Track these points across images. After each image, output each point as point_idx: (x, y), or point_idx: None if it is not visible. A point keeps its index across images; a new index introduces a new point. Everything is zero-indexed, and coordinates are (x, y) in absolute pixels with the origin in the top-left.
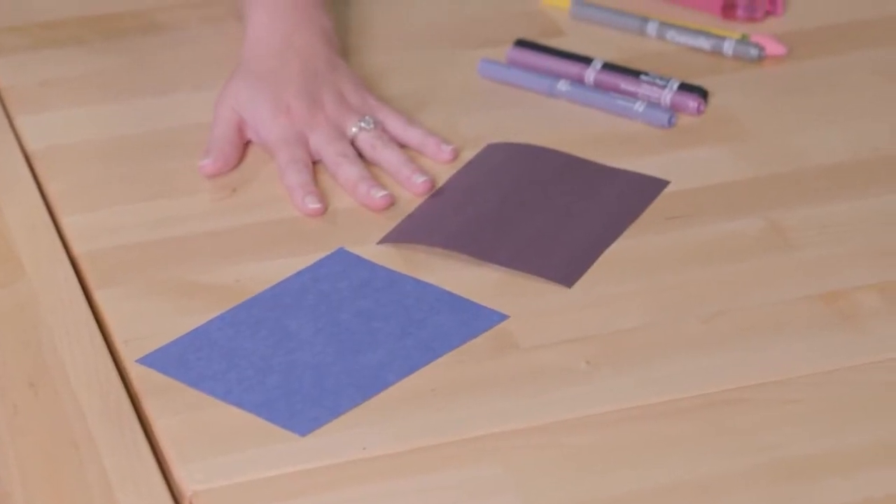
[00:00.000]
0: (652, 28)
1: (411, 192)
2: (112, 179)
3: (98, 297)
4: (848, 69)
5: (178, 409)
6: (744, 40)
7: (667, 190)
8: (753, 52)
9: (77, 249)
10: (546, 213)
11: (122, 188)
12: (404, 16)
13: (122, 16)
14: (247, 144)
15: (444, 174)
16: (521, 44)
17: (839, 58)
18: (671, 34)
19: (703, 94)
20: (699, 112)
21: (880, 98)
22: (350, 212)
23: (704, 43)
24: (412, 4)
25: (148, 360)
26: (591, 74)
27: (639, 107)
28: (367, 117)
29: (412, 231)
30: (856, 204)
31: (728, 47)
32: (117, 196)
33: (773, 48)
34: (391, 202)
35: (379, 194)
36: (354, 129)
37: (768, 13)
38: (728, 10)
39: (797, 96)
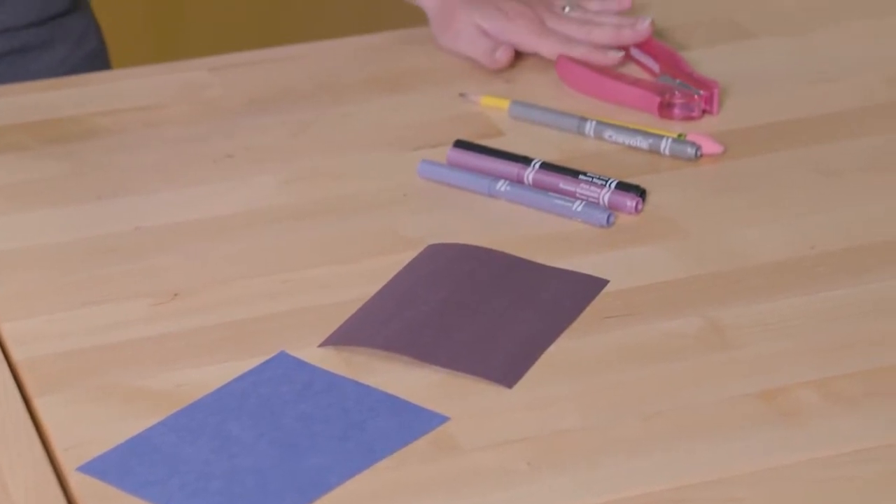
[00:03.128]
0: (590, 128)
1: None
2: (52, 285)
3: (38, 404)
4: (783, 167)
5: None
6: (680, 139)
7: (606, 289)
8: (690, 150)
9: (16, 356)
10: (486, 314)
11: (62, 294)
12: (343, 118)
13: (63, 121)
14: None
15: (385, 276)
16: (461, 144)
17: (774, 156)
18: (609, 133)
19: (641, 192)
20: (637, 211)
21: (815, 195)
22: (292, 314)
23: (642, 142)
24: (351, 106)
25: (89, 468)
26: (530, 174)
27: (577, 206)
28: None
29: (353, 333)
30: (793, 301)
31: (665, 146)
32: (57, 302)
33: (709, 147)
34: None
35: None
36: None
37: (705, 112)
38: (665, 110)
39: (734, 194)
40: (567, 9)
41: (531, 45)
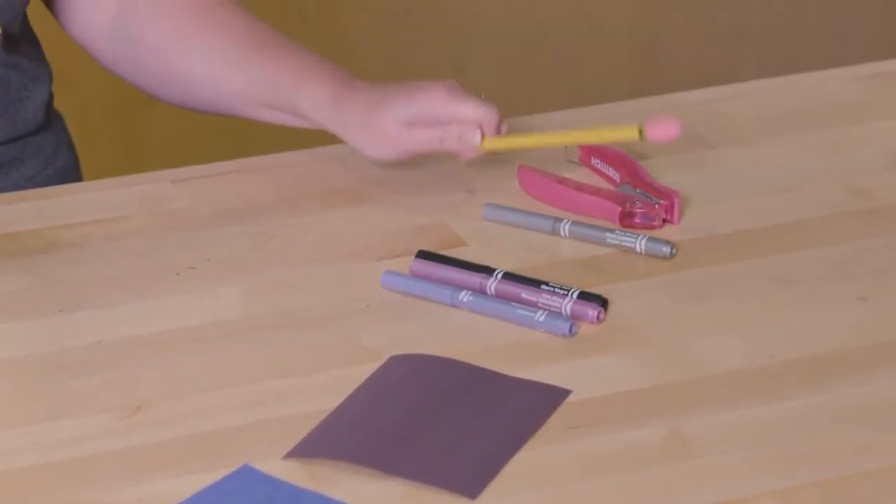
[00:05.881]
0: (564, 228)
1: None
2: (13, 400)
3: None
4: (744, 276)
5: None
6: (656, 239)
7: (569, 399)
8: (665, 249)
9: None
10: (450, 425)
11: (23, 409)
12: (306, 229)
13: (23, 234)
14: None
15: (349, 387)
16: (424, 255)
17: (735, 265)
18: (583, 233)
19: (602, 302)
20: (599, 320)
21: (775, 304)
22: (255, 427)
23: (614, 240)
24: (313, 217)
25: None
26: (492, 285)
27: (540, 316)
28: None
29: (317, 445)
30: (755, 411)
31: (640, 245)
32: (19, 417)
33: (665, 130)
34: None
35: None
36: None
37: (665, 221)
38: (626, 219)
39: (695, 303)
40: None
41: (451, 109)
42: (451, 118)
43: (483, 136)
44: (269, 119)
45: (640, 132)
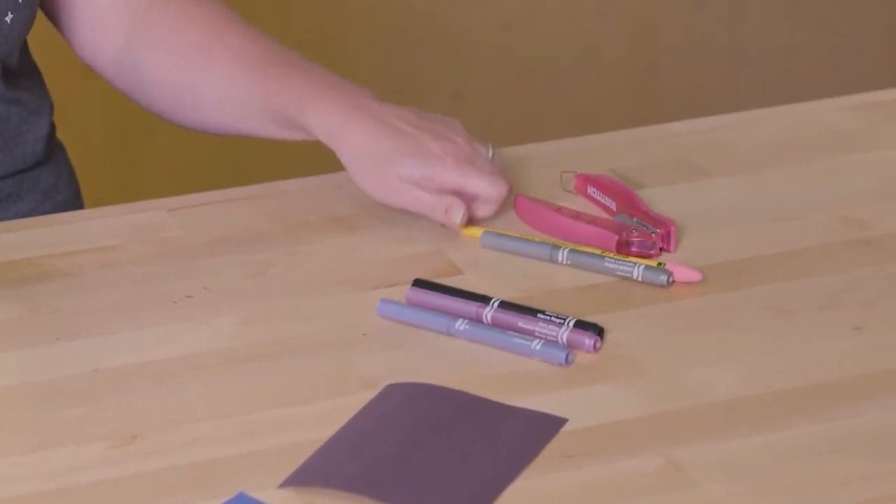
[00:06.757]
0: (563, 254)
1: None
2: (8, 428)
3: None
4: (740, 305)
5: None
6: (654, 267)
7: (565, 428)
8: (662, 278)
9: None
10: (446, 453)
11: (18, 437)
12: (302, 258)
13: (18, 263)
14: None
15: (345, 416)
16: (420, 284)
17: (731, 294)
18: (582, 260)
19: (599, 331)
20: (596, 349)
21: (771, 334)
22: (251, 456)
23: (613, 267)
24: (309, 246)
25: None
26: (488, 313)
27: (536, 345)
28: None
29: (313, 473)
30: (750, 440)
31: (637, 273)
32: (13, 445)
33: (687, 275)
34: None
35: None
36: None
37: (662, 250)
38: (623, 248)
39: (691, 332)
40: (491, 152)
41: (459, 182)
42: (457, 190)
43: (465, 218)
44: (286, 137)
45: (660, 265)
